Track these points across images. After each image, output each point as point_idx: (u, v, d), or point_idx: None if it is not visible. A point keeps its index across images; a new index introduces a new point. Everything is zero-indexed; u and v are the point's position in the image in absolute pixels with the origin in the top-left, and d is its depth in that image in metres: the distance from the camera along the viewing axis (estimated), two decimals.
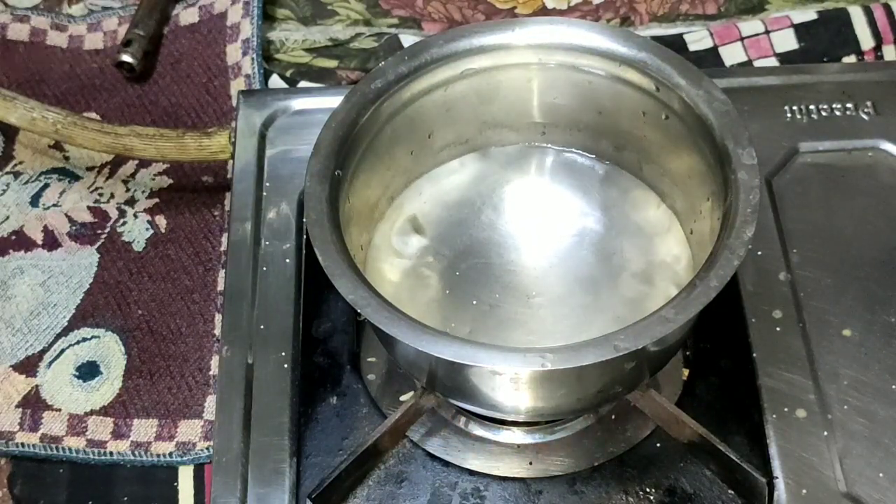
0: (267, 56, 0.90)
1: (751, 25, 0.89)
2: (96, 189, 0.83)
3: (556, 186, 0.69)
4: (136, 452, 0.70)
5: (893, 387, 0.64)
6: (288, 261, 0.70)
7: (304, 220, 0.60)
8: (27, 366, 0.74)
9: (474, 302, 0.64)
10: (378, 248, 0.66)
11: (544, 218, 0.68)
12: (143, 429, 0.71)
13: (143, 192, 0.83)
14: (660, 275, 0.65)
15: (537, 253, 0.66)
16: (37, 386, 0.74)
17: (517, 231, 0.67)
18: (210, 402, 0.72)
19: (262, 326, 0.68)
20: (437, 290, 0.65)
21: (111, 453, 0.70)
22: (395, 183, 0.68)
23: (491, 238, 0.67)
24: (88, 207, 0.82)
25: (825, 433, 0.63)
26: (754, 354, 0.65)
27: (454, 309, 0.64)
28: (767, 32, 0.88)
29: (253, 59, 0.88)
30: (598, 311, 0.63)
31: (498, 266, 0.66)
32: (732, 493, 0.62)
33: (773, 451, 0.62)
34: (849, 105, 0.76)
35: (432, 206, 0.68)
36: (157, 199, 0.82)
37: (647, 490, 0.63)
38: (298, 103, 0.78)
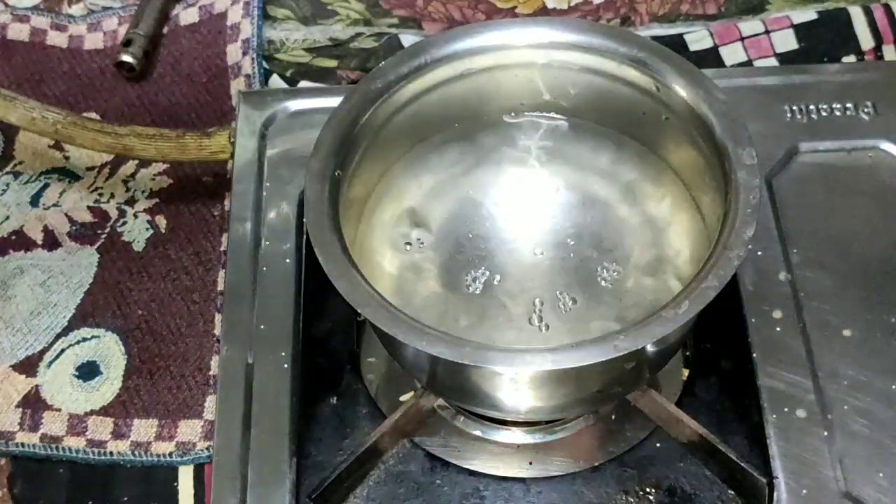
0: (267, 56, 0.90)
1: (751, 25, 0.89)
2: (96, 189, 0.83)
3: (556, 181, 0.69)
4: (136, 452, 0.70)
5: (893, 387, 0.64)
6: (288, 261, 0.70)
7: (304, 220, 0.60)
8: (27, 366, 0.74)
9: (474, 296, 0.64)
10: (377, 243, 0.66)
11: (544, 211, 0.68)
12: (143, 429, 0.71)
13: (143, 192, 0.83)
14: (661, 269, 0.65)
15: (537, 246, 0.66)
16: (37, 386, 0.73)
17: (517, 224, 0.67)
18: (210, 402, 0.72)
19: (262, 326, 0.68)
20: (437, 283, 0.65)
21: (111, 453, 0.70)
22: (395, 179, 0.68)
23: (491, 231, 0.67)
24: (88, 207, 0.82)
25: (825, 433, 0.63)
26: (754, 354, 0.65)
27: (454, 303, 0.64)
28: (767, 32, 0.88)
29: (253, 59, 0.88)
30: (600, 306, 0.63)
31: (498, 260, 0.66)
32: (732, 493, 0.62)
33: (773, 451, 0.62)
34: (849, 105, 0.76)
35: (432, 199, 0.68)
36: (157, 199, 0.82)
37: (647, 490, 0.63)
38: (298, 103, 0.78)
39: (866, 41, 0.87)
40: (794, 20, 0.88)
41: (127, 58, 0.88)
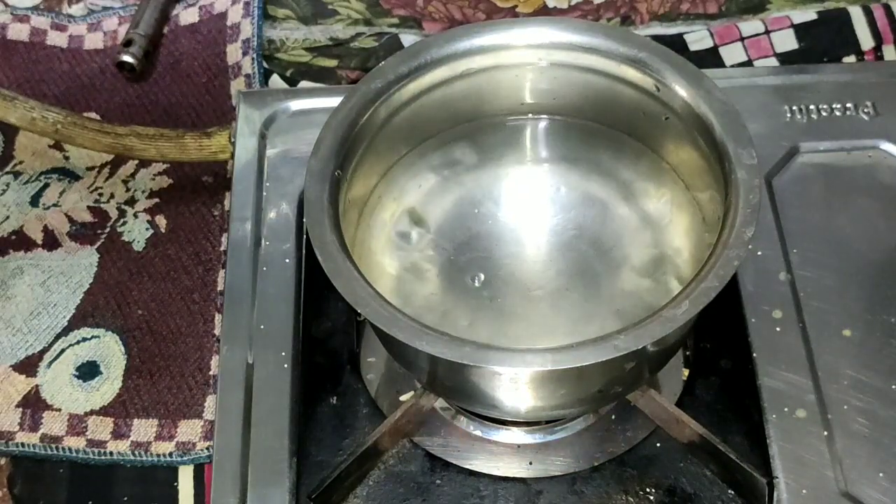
0: (267, 55, 0.90)
1: (751, 25, 0.89)
2: (96, 189, 0.83)
3: (556, 180, 0.69)
4: (136, 452, 0.70)
5: (893, 387, 0.64)
6: (288, 261, 0.70)
7: (304, 220, 0.60)
8: (27, 366, 0.74)
9: (474, 295, 0.64)
10: (377, 242, 0.66)
11: (544, 211, 0.68)
12: (143, 429, 0.71)
13: (143, 192, 0.83)
14: (661, 268, 0.65)
15: (537, 245, 0.66)
16: (37, 386, 0.74)
17: (517, 224, 0.67)
18: (210, 402, 0.72)
19: (262, 326, 0.68)
20: (437, 283, 0.65)
21: (111, 453, 0.70)
22: (395, 179, 0.68)
23: (490, 231, 0.67)
24: (88, 207, 0.82)
25: (825, 433, 0.63)
26: (754, 354, 0.65)
27: (454, 302, 0.64)
28: (767, 32, 0.88)
29: (253, 59, 0.88)
30: (599, 305, 0.63)
31: (498, 258, 0.66)
32: (732, 493, 0.62)
33: (773, 451, 0.62)
34: (849, 105, 0.76)
35: (432, 199, 0.68)
36: (157, 199, 0.82)
37: (647, 490, 0.63)
38: (298, 103, 0.78)
39: (866, 41, 0.87)
40: (794, 20, 0.88)
41: (127, 58, 0.88)
